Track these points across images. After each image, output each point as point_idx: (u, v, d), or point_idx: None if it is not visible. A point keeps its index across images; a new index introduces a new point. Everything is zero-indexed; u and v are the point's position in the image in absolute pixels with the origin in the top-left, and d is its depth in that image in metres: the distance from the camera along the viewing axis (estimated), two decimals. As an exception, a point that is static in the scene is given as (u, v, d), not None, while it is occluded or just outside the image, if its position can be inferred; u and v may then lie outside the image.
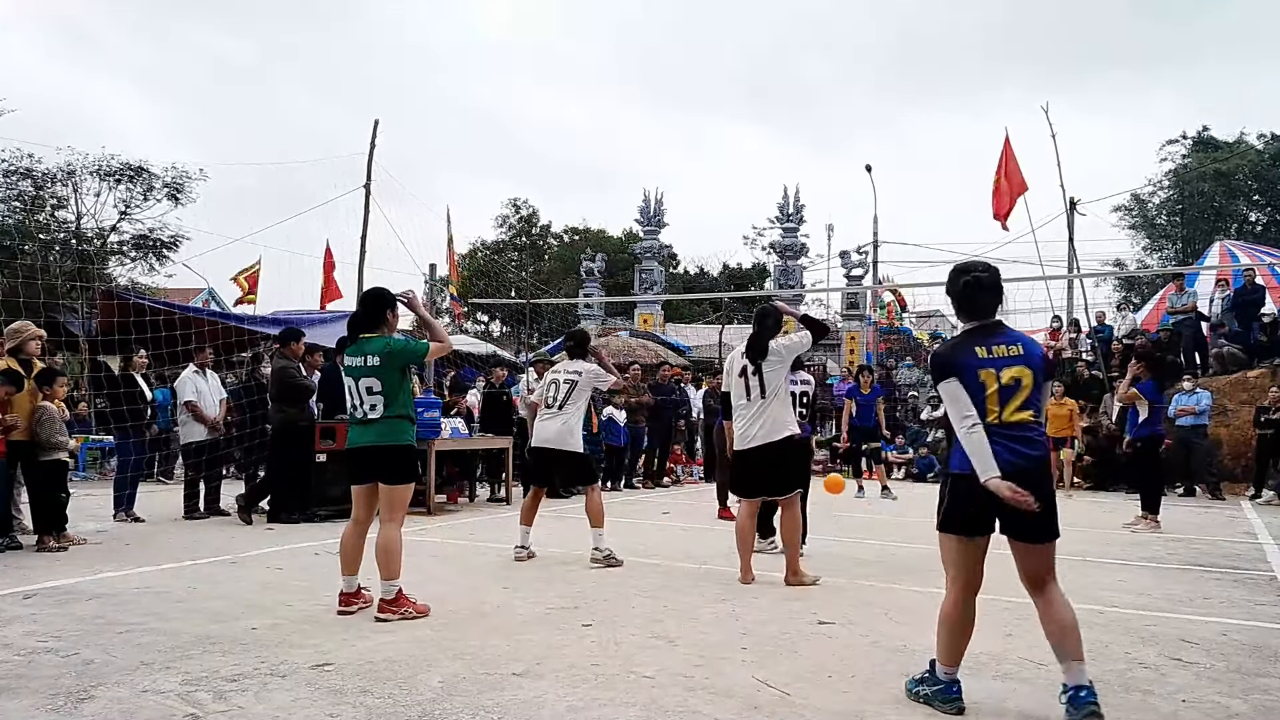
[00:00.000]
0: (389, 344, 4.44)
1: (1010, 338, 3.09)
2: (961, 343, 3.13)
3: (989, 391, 3.01)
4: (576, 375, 6.14)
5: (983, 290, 3.13)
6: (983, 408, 3.01)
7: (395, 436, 4.41)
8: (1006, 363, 3.02)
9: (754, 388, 5.23)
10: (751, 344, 5.28)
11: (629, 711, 3.01)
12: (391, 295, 4.65)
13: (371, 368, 4.39)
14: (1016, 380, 3.00)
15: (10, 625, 4.07)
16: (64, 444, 6.58)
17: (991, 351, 3.04)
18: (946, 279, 3.24)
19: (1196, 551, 7.11)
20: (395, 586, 4.31)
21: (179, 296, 21.11)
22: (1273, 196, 31.60)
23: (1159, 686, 3.41)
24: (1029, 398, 3.01)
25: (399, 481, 4.43)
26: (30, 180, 22.19)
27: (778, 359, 5.23)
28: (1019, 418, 3.00)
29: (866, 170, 24.28)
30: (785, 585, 5.22)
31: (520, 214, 43.42)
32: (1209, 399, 12.61)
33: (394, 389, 4.40)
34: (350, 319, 4.70)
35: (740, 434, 5.30)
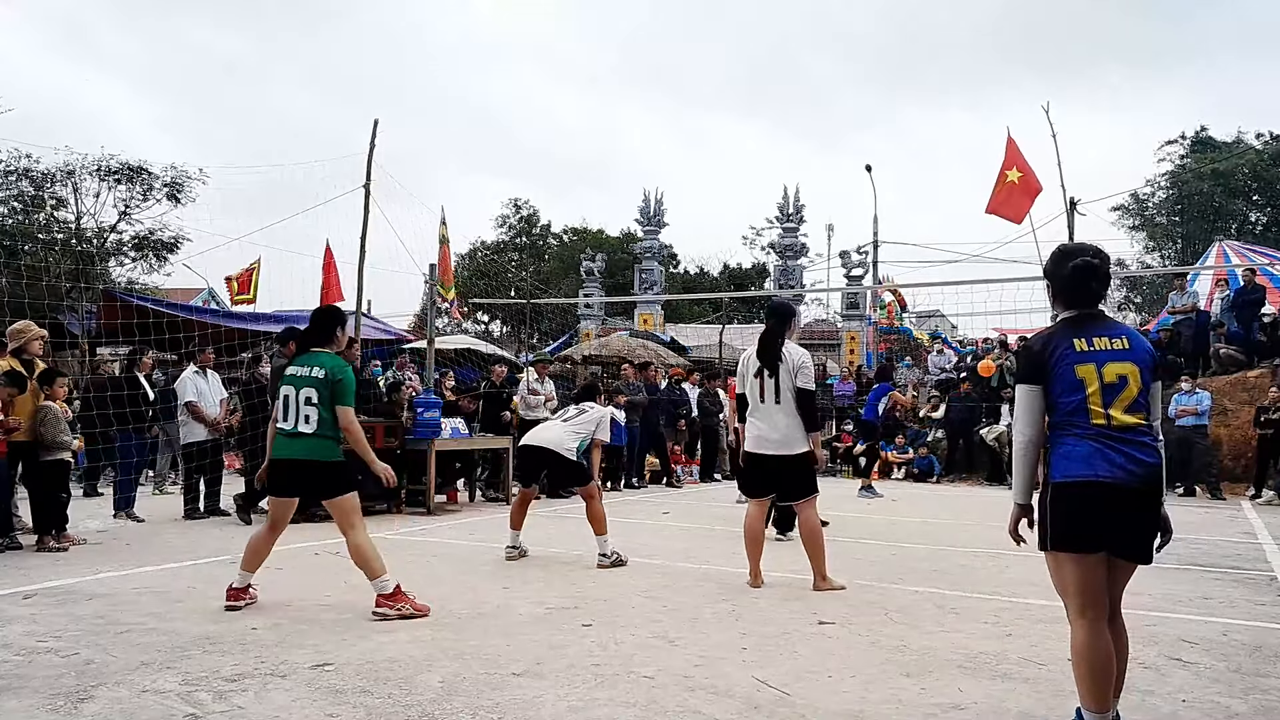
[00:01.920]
0: (340, 369, 4.49)
1: (1114, 330, 2.73)
2: (1058, 332, 2.75)
3: (1090, 390, 2.64)
4: (590, 407, 6.34)
5: (1096, 277, 2.74)
6: (1084, 408, 2.64)
7: (325, 453, 4.45)
8: (1110, 357, 2.65)
9: (769, 391, 5.11)
10: (764, 349, 5.16)
11: (629, 711, 3.01)
12: (342, 312, 4.83)
13: (316, 379, 4.45)
14: (1122, 378, 2.63)
15: (10, 625, 4.07)
16: (67, 444, 6.59)
17: (1093, 344, 2.67)
18: (1048, 260, 2.87)
19: (1196, 551, 7.11)
20: (388, 582, 4.34)
21: (179, 296, 21.11)
22: (1272, 196, 31.60)
23: (1159, 686, 3.41)
24: (1137, 399, 2.64)
25: (335, 494, 4.47)
26: (29, 180, 22.19)
27: (786, 371, 5.11)
28: (1129, 421, 2.63)
29: (866, 170, 24.29)
30: (814, 591, 5.08)
31: (520, 214, 43.43)
32: (1209, 399, 12.60)
33: (329, 406, 4.44)
34: (302, 332, 4.79)
35: (755, 436, 5.18)
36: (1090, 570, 2.64)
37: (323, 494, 4.51)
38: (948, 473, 14.70)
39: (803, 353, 5.23)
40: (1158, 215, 33.18)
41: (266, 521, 4.66)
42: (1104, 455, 2.61)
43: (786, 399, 5.06)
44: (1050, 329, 2.83)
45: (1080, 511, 2.63)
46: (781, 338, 5.16)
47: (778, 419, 5.07)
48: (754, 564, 5.30)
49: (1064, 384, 2.67)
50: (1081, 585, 2.65)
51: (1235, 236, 26.81)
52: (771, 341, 5.14)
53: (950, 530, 8.11)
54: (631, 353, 18.75)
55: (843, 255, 24.95)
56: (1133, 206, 33.44)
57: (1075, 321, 2.76)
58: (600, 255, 28.27)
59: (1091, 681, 2.62)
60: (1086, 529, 2.62)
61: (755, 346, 5.24)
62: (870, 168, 24.34)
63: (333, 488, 4.47)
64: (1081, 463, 2.63)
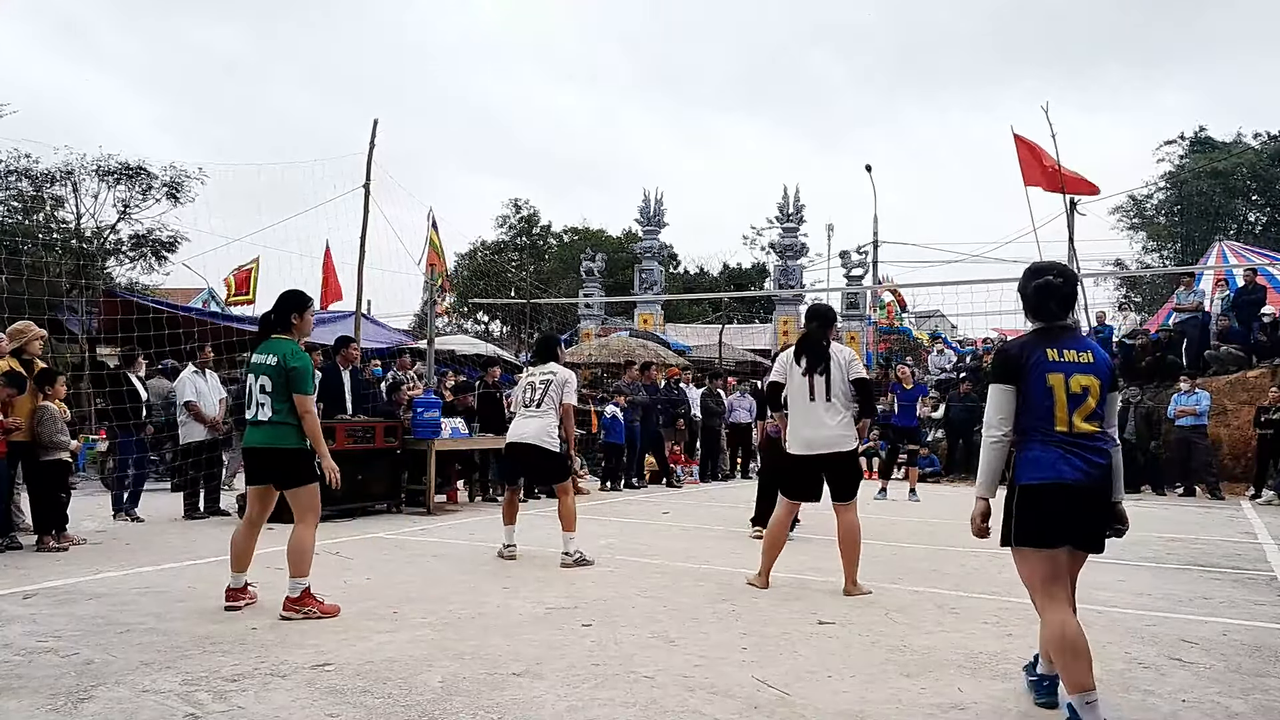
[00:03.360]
0: (294, 355, 4.44)
1: (1081, 343, 3.00)
2: (1032, 340, 3.01)
3: (1057, 398, 2.90)
4: (551, 375, 6.17)
5: (1055, 296, 3.02)
6: (1050, 415, 2.91)
7: (283, 440, 4.44)
8: (1077, 369, 2.92)
9: (819, 389, 5.04)
10: (810, 350, 5.11)
11: (629, 711, 3.01)
12: (302, 298, 4.69)
13: (269, 366, 4.44)
14: (1085, 389, 2.91)
15: (10, 625, 4.07)
16: (65, 444, 6.59)
17: (1062, 355, 2.94)
18: (1021, 276, 3.12)
19: (1196, 551, 7.11)
20: (301, 585, 4.33)
21: (179, 296, 21.11)
22: (1271, 196, 31.61)
23: (1159, 686, 3.41)
24: (1096, 409, 2.92)
25: (296, 484, 4.46)
26: (29, 180, 22.19)
27: (838, 368, 5.07)
28: (1088, 429, 2.91)
29: (866, 170, 24.30)
30: (844, 595, 5.02)
31: (521, 214, 43.43)
32: (1208, 399, 12.61)
33: (282, 393, 4.42)
34: (262, 317, 4.75)
35: (804, 439, 5.08)
36: (1054, 563, 2.91)
37: (282, 482, 4.50)
38: (947, 473, 14.71)
39: (849, 350, 5.27)
40: (1157, 215, 33.18)
41: (244, 517, 4.68)
42: (1066, 460, 2.88)
43: (838, 395, 5.04)
44: (1025, 336, 3.08)
45: (1045, 511, 2.89)
46: (826, 339, 5.18)
47: (829, 417, 5.03)
48: (767, 566, 5.25)
49: (1036, 389, 2.94)
50: (1047, 577, 2.91)
51: (1234, 236, 26.82)
52: (817, 342, 5.13)
53: (950, 530, 8.10)
54: (631, 353, 18.74)
55: (843, 255, 24.97)
56: (1132, 207, 33.46)
57: (1048, 332, 3.02)
58: (600, 255, 28.28)
59: (1074, 664, 2.79)
60: (1051, 527, 2.89)
61: (795, 347, 5.24)
62: (870, 168, 24.37)
63: (291, 477, 4.46)
64: (1048, 467, 2.89)
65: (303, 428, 4.45)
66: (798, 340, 5.27)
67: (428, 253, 12.02)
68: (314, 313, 4.80)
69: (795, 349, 5.22)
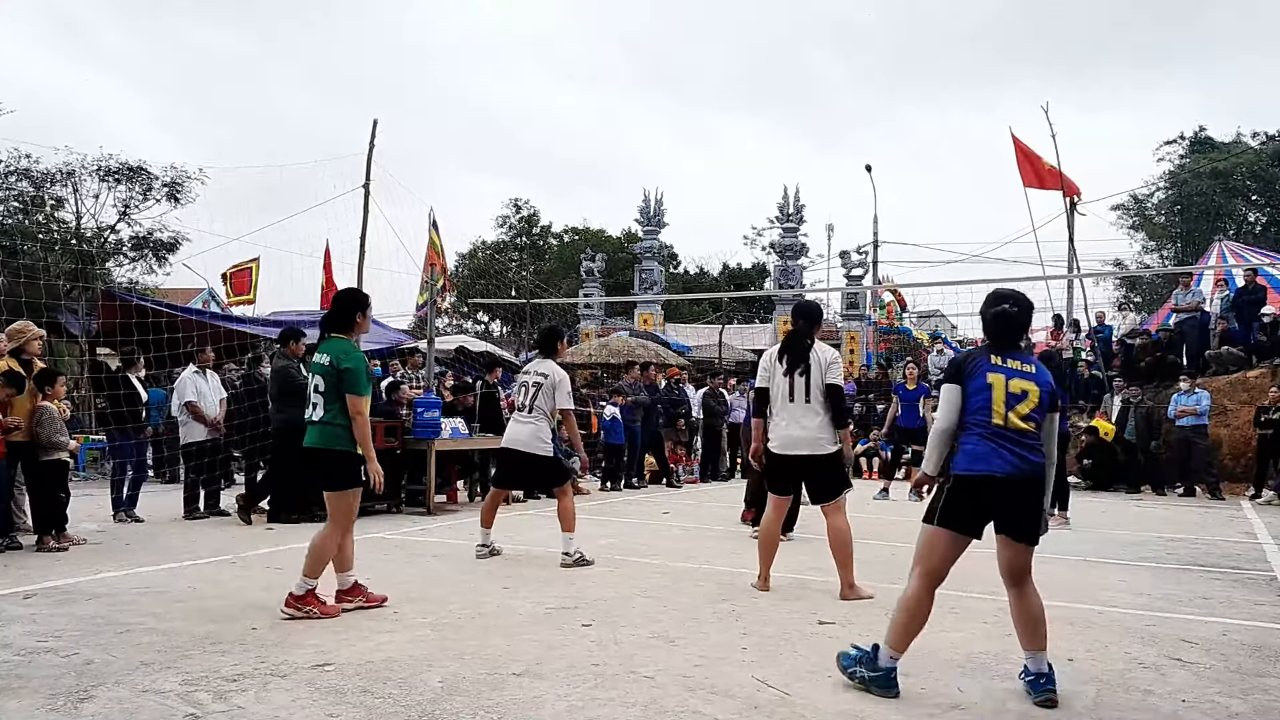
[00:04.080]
0: (347, 355, 4.40)
1: (1027, 359, 3.33)
2: (981, 352, 3.38)
3: (995, 393, 3.23)
4: (542, 379, 6.10)
5: (1011, 325, 3.35)
6: (988, 408, 3.23)
7: (331, 441, 4.39)
8: (1017, 375, 3.26)
9: (799, 390, 4.96)
10: (792, 349, 5.04)
11: (629, 711, 3.01)
12: (363, 297, 4.69)
13: (324, 366, 4.41)
14: (1024, 391, 3.24)
15: (10, 625, 4.07)
16: (64, 444, 6.58)
17: (1006, 362, 3.28)
18: (985, 301, 3.42)
19: (1196, 551, 7.11)
20: (309, 585, 4.30)
21: (179, 296, 21.10)
22: (1271, 196, 31.61)
23: (1159, 686, 3.41)
24: (1032, 411, 3.23)
25: (335, 487, 4.41)
26: (29, 180, 22.19)
27: (817, 369, 4.97)
28: (1023, 426, 3.21)
29: (866, 170, 24.30)
30: (840, 599, 4.94)
31: (521, 214, 43.42)
32: (1208, 399, 12.60)
33: (334, 394, 4.39)
34: (323, 318, 4.73)
35: (783, 437, 5.01)
36: (954, 548, 3.25)
37: (324, 484, 4.44)
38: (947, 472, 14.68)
39: (832, 351, 5.14)
40: (1157, 215, 33.19)
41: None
42: (998, 453, 3.19)
43: (817, 398, 4.95)
44: (977, 348, 3.48)
45: (971, 501, 3.22)
46: (810, 338, 5.09)
47: (807, 419, 4.94)
48: (765, 568, 5.20)
49: (975, 385, 3.28)
50: (941, 558, 3.27)
51: (1234, 237, 26.82)
52: (800, 341, 5.05)
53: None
54: (631, 353, 18.73)
55: (843, 255, 24.96)
56: (1132, 206, 33.46)
57: (996, 347, 3.37)
58: (600, 255, 28.25)
59: (906, 627, 3.26)
60: (971, 516, 3.23)
61: (779, 345, 5.16)
62: (870, 168, 24.38)
63: (332, 479, 4.41)
64: (980, 460, 3.21)
65: (353, 430, 4.40)
66: (783, 339, 5.20)
67: (428, 252, 12.03)
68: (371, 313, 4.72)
69: (779, 348, 5.15)
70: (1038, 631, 3.23)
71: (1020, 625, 3.28)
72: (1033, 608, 3.26)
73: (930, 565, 3.27)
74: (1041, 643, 3.23)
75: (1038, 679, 3.18)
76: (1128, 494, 12.54)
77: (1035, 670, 3.20)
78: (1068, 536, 7.80)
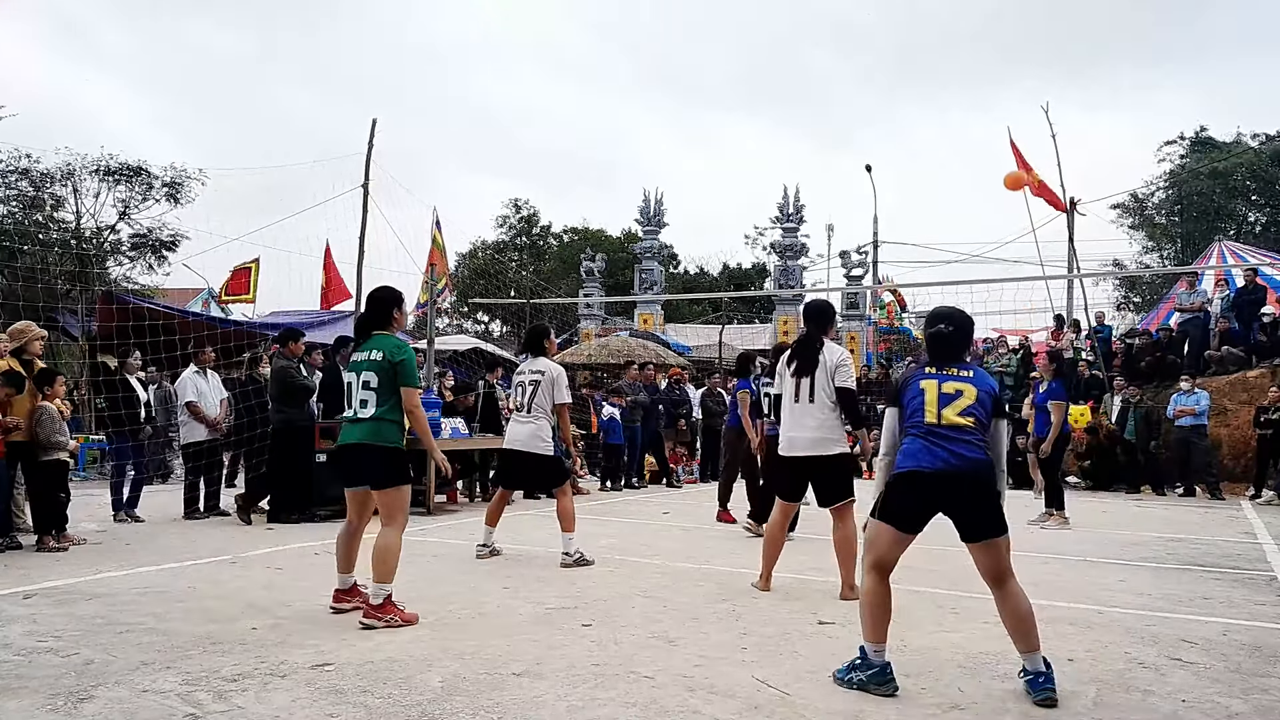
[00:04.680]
0: (400, 349, 4.36)
1: (965, 367, 3.41)
2: (917, 368, 3.50)
3: (928, 396, 3.32)
4: (539, 375, 6.10)
5: (946, 344, 3.43)
6: (921, 409, 3.32)
7: (383, 437, 4.30)
8: (950, 379, 3.35)
9: (804, 390, 4.90)
10: (803, 352, 4.97)
11: (629, 711, 3.01)
12: (398, 294, 4.66)
13: (374, 362, 4.33)
14: (958, 391, 3.31)
15: (10, 625, 4.07)
16: (64, 444, 6.58)
17: (941, 370, 3.38)
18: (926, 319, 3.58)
19: (1196, 551, 7.11)
20: (385, 591, 4.18)
21: (178, 296, 21.10)
22: (1271, 196, 31.62)
23: (1159, 686, 3.41)
24: (969, 407, 3.28)
25: (389, 484, 4.30)
26: (29, 180, 22.19)
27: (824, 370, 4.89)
28: (958, 421, 3.26)
29: (866, 170, 24.30)
30: (841, 600, 4.87)
31: (521, 214, 43.43)
32: (1208, 399, 12.60)
33: (387, 389, 4.32)
34: (360, 317, 4.69)
35: (788, 439, 4.96)
36: (896, 543, 3.34)
37: (374, 481, 4.32)
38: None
39: (841, 351, 5.03)
40: (1157, 215, 33.19)
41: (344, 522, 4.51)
42: (929, 450, 3.25)
43: (821, 399, 4.86)
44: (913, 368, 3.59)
45: (905, 497, 3.30)
46: (821, 341, 4.98)
47: (809, 420, 4.86)
48: (767, 569, 5.18)
49: (910, 393, 3.39)
50: (885, 550, 3.35)
51: (1234, 237, 26.83)
52: (810, 344, 4.97)
53: (950, 530, 8.10)
54: (631, 353, 18.73)
55: (843, 255, 24.97)
56: (1132, 206, 33.46)
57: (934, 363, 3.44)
58: (600, 255, 28.27)
59: (875, 619, 3.31)
60: (907, 512, 3.31)
61: (790, 349, 5.13)
62: (870, 168, 24.37)
63: (383, 476, 4.29)
64: (911, 457, 3.29)
65: (406, 425, 4.36)
66: (795, 342, 5.15)
67: (430, 251, 12.03)
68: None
69: (789, 351, 5.11)
70: (1028, 631, 3.22)
71: (1009, 627, 3.28)
72: (1019, 608, 3.24)
73: (876, 557, 3.35)
74: (1034, 643, 3.21)
75: (1036, 678, 3.18)
76: (1128, 494, 12.54)
77: (1033, 669, 3.20)
78: (1068, 536, 7.81)
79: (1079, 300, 16.58)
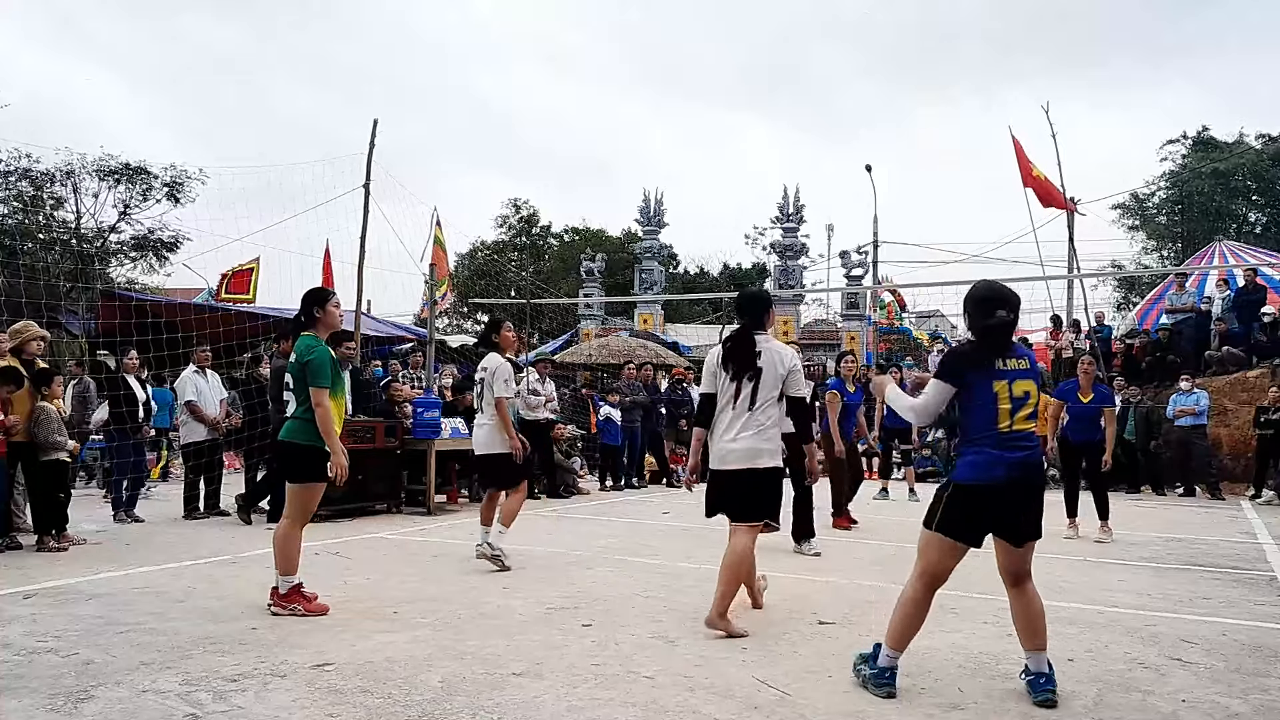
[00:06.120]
0: (309, 349, 4.46)
1: (1019, 352, 3.30)
2: (984, 348, 3.29)
3: (1001, 402, 3.20)
4: (483, 373, 5.97)
5: (1007, 334, 3.28)
6: (994, 416, 3.19)
7: (297, 434, 4.47)
8: (1018, 375, 3.23)
9: (744, 395, 4.20)
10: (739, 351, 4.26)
11: (629, 711, 3.01)
12: (323, 292, 4.72)
13: (291, 363, 4.51)
14: (1026, 394, 3.24)
15: (10, 625, 4.07)
16: (63, 444, 6.58)
17: (1007, 364, 3.23)
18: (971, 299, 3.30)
19: (1196, 551, 7.11)
20: (289, 582, 4.38)
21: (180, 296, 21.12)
22: (1272, 197, 31.62)
23: (1159, 686, 3.41)
24: (1033, 412, 3.25)
25: (295, 480, 4.48)
26: (29, 180, 22.20)
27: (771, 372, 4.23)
28: (1025, 426, 3.23)
29: (866, 170, 24.28)
30: (705, 625, 4.12)
31: (520, 214, 43.43)
32: (1207, 399, 12.61)
33: (303, 389, 4.45)
34: (293, 319, 4.80)
35: (717, 451, 4.27)
36: (953, 555, 3.24)
37: (287, 476, 4.53)
38: (947, 473, 14.69)
39: (791, 353, 4.37)
40: (1158, 215, 33.18)
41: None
42: (1003, 461, 3.16)
43: (761, 406, 4.18)
44: (976, 344, 3.32)
45: (971, 512, 3.19)
46: (754, 337, 4.28)
47: (744, 429, 4.17)
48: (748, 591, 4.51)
49: (981, 395, 3.22)
50: (940, 564, 3.26)
51: (1234, 237, 26.83)
52: (747, 341, 4.26)
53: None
54: (631, 353, 18.74)
55: (843, 255, 24.95)
56: (1133, 206, 33.46)
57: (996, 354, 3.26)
58: (600, 255, 28.26)
59: (905, 627, 3.28)
60: (971, 526, 3.20)
61: (724, 346, 4.34)
62: (870, 168, 24.34)
63: (293, 471, 4.48)
64: (979, 469, 3.18)
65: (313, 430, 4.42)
66: (728, 339, 4.38)
67: (433, 250, 12.01)
68: (338, 304, 4.75)
69: (723, 351, 4.33)
70: (1038, 630, 3.23)
71: (1020, 624, 3.28)
72: (1032, 606, 3.25)
73: (929, 569, 3.26)
74: (1041, 641, 3.22)
75: (1038, 679, 3.19)
76: (1128, 494, 12.53)
77: (1035, 670, 3.21)
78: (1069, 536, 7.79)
79: (1079, 300, 16.58)
